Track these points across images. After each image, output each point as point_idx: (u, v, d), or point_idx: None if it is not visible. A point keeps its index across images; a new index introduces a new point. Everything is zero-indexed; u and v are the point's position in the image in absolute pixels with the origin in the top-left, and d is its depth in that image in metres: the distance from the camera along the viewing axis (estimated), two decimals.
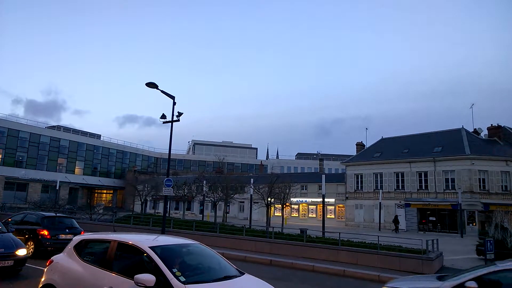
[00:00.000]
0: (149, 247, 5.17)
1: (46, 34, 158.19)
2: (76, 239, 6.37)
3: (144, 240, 5.52)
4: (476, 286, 5.78)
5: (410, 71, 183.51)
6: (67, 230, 13.92)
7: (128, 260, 5.51)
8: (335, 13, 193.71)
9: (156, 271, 4.75)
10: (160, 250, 5.19)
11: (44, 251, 12.78)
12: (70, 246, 6.28)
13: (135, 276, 4.56)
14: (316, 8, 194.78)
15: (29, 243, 13.11)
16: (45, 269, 6.34)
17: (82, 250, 6.08)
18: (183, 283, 4.59)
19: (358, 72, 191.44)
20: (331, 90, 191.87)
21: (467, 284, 5.87)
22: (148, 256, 5.02)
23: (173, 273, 4.72)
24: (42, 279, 6.18)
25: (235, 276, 5.34)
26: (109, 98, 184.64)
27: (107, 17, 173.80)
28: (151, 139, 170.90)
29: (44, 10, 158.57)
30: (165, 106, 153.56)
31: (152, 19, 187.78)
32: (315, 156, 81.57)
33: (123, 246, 5.54)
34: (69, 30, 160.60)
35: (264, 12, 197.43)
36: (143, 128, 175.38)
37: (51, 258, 6.43)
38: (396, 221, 38.86)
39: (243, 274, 5.57)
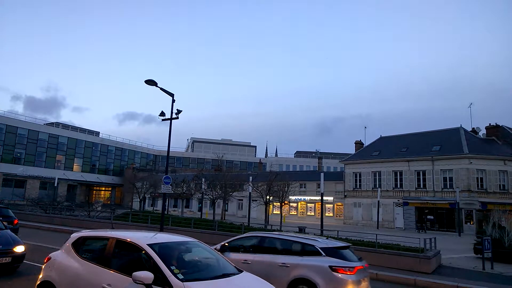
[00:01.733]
0: (147, 244, 5.16)
1: (46, 31, 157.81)
2: (74, 236, 6.35)
3: (143, 238, 5.50)
4: (219, 248, 8.77)
5: (410, 70, 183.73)
6: (0, 218, 15.08)
7: (126, 257, 5.50)
8: (336, 12, 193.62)
9: (154, 268, 4.74)
10: (158, 247, 5.18)
11: None
12: (68, 243, 6.25)
13: (133, 273, 4.54)
14: (317, 7, 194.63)
15: None
16: (43, 266, 6.31)
17: (80, 247, 6.05)
18: (181, 280, 4.57)
19: (359, 72, 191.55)
20: (332, 89, 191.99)
21: (217, 247, 8.76)
22: (146, 254, 5.01)
23: (171, 271, 4.70)
24: (40, 276, 6.16)
25: (233, 274, 5.34)
26: (109, 95, 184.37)
27: (107, 14, 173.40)
28: (151, 137, 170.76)
29: (44, 7, 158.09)
30: (165, 103, 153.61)
31: (152, 16, 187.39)
32: (314, 154, 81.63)
33: (121, 244, 5.52)
34: (69, 27, 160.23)
35: (264, 10, 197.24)
36: (143, 125, 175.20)
37: (49, 255, 6.41)
38: (423, 221, 38.44)
39: (241, 271, 5.57)
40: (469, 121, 59.10)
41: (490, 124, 41.64)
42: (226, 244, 9.08)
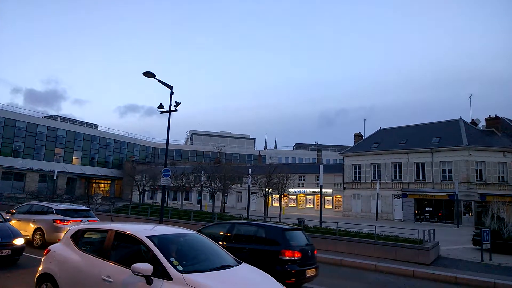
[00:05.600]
0: (147, 236, 5.15)
1: (46, 23, 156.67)
2: (74, 228, 6.33)
3: (142, 230, 5.50)
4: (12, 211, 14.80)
5: (413, 61, 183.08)
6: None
7: (126, 250, 5.49)
8: (337, 3, 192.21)
9: (153, 260, 4.74)
10: (157, 239, 5.17)
11: None
12: (68, 235, 6.24)
13: (133, 265, 4.54)
14: None
15: None
16: (43, 258, 6.31)
17: (80, 239, 6.04)
18: (181, 272, 4.57)
19: (362, 63, 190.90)
20: (334, 81, 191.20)
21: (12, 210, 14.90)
22: (146, 246, 5.00)
23: (171, 262, 4.70)
24: (40, 268, 6.15)
25: (233, 265, 5.33)
26: (110, 88, 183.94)
27: (108, 6, 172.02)
28: (152, 129, 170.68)
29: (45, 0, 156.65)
30: (166, 96, 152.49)
31: (152, 8, 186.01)
32: (313, 146, 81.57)
33: (120, 236, 5.52)
34: (69, 19, 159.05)
35: (265, 2, 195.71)
36: (144, 118, 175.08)
37: (49, 248, 6.40)
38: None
39: (240, 263, 5.56)
40: (470, 112, 58.99)
41: (489, 115, 41.58)
42: (14, 210, 14.70)
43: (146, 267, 4.49)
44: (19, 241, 9.87)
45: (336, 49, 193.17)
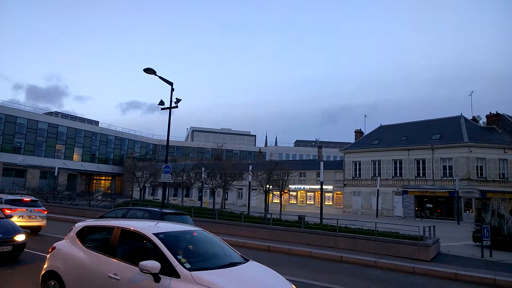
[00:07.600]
0: (153, 233, 5.13)
1: (49, 19, 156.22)
2: (79, 225, 6.35)
3: (147, 227, 5.48)
4: None
5: (416, 59, 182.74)
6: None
7: (132, 247, 5.47)
8: (340, 3, 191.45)
9: (160, 257, 4.72)
10: (164, 236, 5.15)
11: None
12: (73, 232, 6.25)
13: (140, 263, 4.53)
14: None
15: None
16: (48, 256, 6.32)
17: (85, 236, 6.04)
18: (188, 269, 4.54)
19: (365, 61, 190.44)
20: (338, 78, 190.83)
21: None
22: (152, 243, 4.98)
23: (178, 260, 4.67)
24: (45, 266, 6.15)
25: (240, 263, 5.32)
26: (112, 84, 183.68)
27: (110, 3, 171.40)
28: (154, 126, 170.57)
29: None
30: (167, 92, 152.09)
31: (154, 5, 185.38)
32: (314, 143, 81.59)
33: (126, 233, 5.49)
34: (71, 15, 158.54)
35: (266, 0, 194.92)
36: (146, 114, 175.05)
37: (54, 245, 6.39)
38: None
39: (248, 260, 5.54)
40: (470, 109, 59.02)
41: (490, 112, 41.52)
42: None
43: (153, 265, 4.47)
44: (20, 237, 9.86)
45: (338, 46, 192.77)
